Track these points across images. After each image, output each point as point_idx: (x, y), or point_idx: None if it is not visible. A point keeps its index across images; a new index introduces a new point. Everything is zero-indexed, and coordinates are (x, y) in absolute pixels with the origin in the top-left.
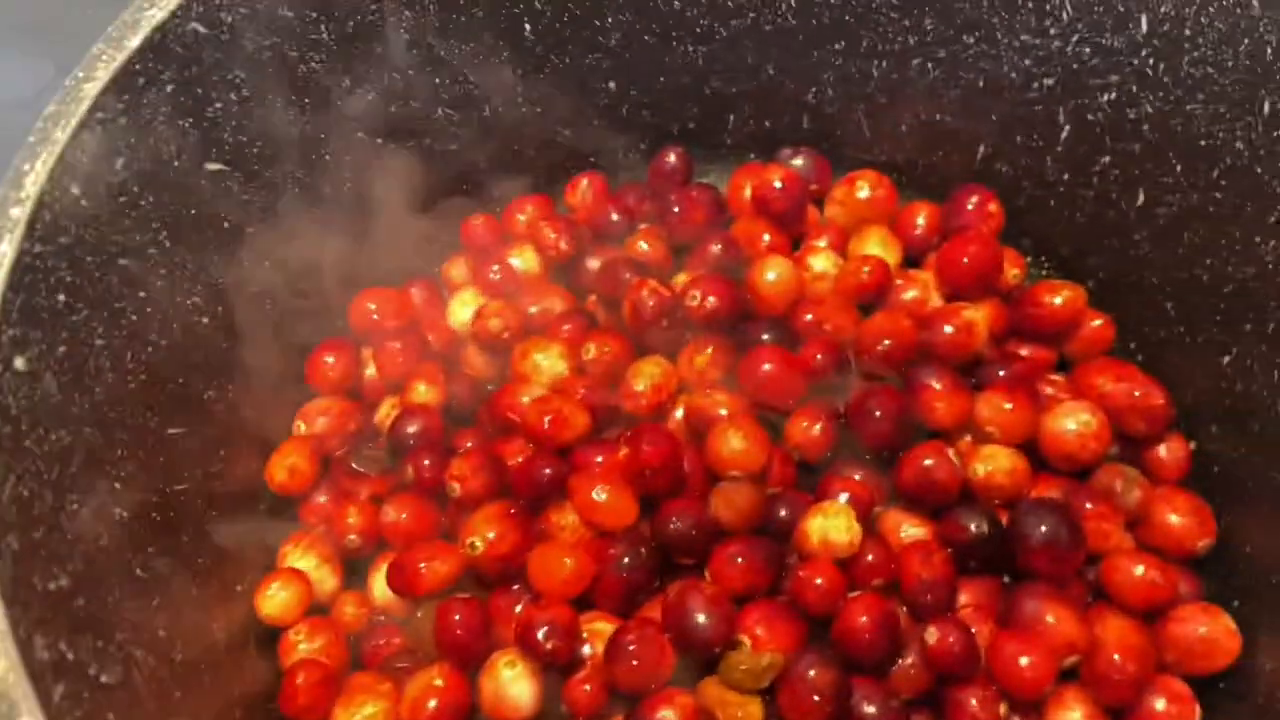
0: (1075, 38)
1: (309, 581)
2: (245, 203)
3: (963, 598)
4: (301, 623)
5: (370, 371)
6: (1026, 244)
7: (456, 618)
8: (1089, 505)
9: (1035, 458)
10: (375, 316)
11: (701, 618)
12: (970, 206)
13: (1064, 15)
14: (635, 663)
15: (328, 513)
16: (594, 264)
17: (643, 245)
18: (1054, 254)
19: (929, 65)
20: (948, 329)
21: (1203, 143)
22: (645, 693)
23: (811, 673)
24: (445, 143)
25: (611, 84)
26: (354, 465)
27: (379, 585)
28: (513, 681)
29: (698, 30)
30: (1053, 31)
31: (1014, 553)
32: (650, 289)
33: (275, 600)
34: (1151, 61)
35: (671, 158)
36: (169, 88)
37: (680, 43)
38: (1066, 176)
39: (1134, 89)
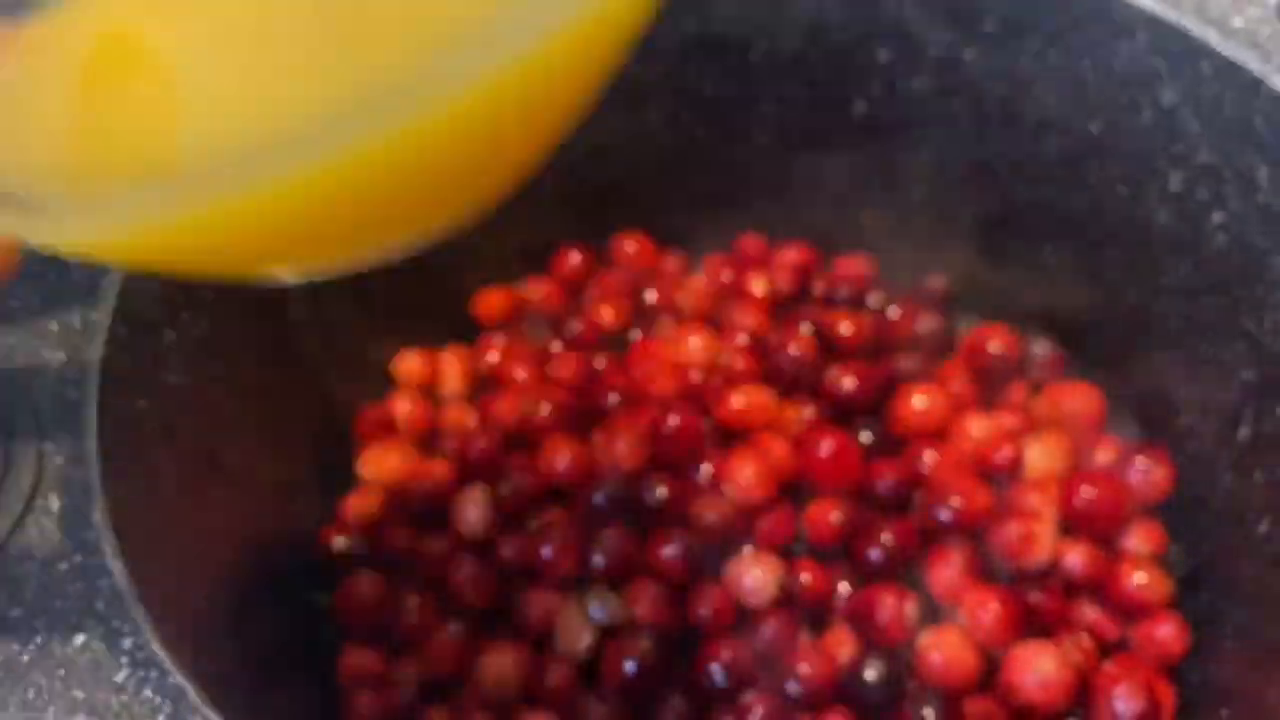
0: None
1: (435, 365)
2: None
3: None
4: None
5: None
6: (1180, 541)
7: None
8: None
9: None
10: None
11: (609, 543)
12: (1138, 464)
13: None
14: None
15: (487, 345)
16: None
17: (846, 325)
18: (1189, 558)
19: (1171, 314)
20: (1015, 528)
21: None
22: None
23: (640, 641)
24: None
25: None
26: (524, 326)
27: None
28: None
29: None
30: (1266, 325)
31: None
32: (800, 335)
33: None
34: None
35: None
36: None
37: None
38: (1229, 479)
39: None
